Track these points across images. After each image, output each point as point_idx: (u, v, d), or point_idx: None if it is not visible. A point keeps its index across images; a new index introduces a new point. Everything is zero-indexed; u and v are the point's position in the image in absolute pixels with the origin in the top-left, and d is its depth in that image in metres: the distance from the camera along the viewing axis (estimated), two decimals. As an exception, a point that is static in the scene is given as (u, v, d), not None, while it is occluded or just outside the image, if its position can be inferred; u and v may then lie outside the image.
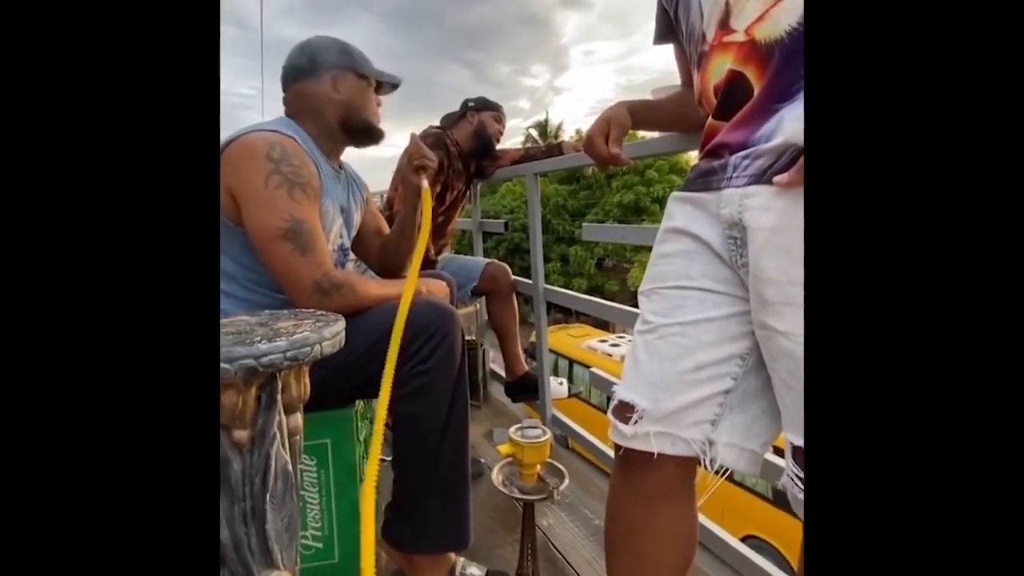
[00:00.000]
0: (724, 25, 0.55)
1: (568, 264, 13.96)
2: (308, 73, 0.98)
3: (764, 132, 0.51)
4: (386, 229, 1.19)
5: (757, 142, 0.52)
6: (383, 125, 1.06)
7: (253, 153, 0.84)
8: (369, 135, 1.04)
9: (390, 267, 1.14)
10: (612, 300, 1.44)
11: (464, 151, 1.77)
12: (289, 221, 0.83)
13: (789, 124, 0.49)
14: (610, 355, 6.17)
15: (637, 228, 1.26)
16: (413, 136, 1.08)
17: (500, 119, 1.83)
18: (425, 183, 1.05)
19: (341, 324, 0.49)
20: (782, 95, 0.50)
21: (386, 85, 1.07)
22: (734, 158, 0.54)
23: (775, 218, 0.49)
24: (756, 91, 0.52)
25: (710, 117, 0.59)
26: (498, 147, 1.90)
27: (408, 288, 0.82)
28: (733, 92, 0.55)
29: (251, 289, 0.91)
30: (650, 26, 0.75)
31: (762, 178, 0.51)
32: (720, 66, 0.56)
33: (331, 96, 0.97)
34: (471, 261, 1.83)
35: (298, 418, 0.47)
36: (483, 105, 1.81)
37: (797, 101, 0.49)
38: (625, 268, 13.63)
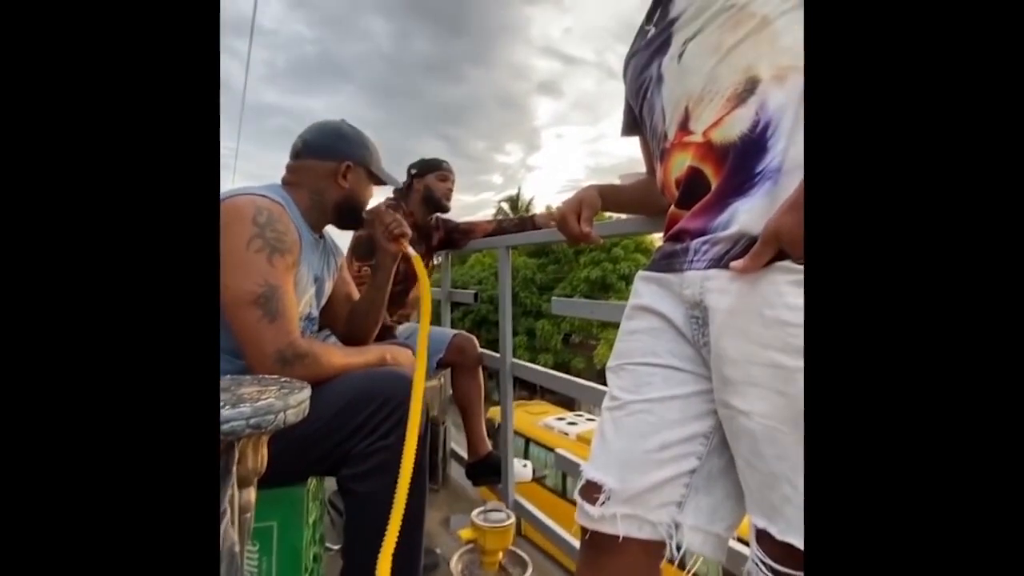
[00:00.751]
0: (684, 127, 0.61)
1: (535, 338, 13.98)
2: (323, 154, 1.01)
3: (720, 221, 0.56)
4: (356, 296, 1.18)
5: (715, 230, 0.56)
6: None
7: (239, 215, 0.85)
8: (355, 223, 1.09)
9: (356, 334, 1.12)
10: (578, 377, 1.43)
11: (418, 220, 1.78)
12: (263, 287, 0.82)
13: (743, 216, 0.53)
14: (566, 434, 6.09)
15: (605, 304, 1.28)
16: (383, 208, 1.11)
17: (446, 177, 1.82)
18: (411, 250, 1.07)
19: (306, 392, 0.48)
20: (736, 191, 0.55)
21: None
22: (695, 243, 0.58)
23: (731, 300, 0.53)
24: (713, 186, 0.57)
25: (672, 206, 0.64)
26: (471, 219, 1.95)
27: (421, 347, 0.84)
28: (692, 185, 0.60)
29: None
30: (617, 115, 0.82)
31: (720, 262, 0.54)
32: (680, 162, 0.62)
33: (338, 182, 1.01)
34: (437, 332, 1.79)
35: (251, 493, 0.43)
36: (425, 168, 1.80)
37: (749, 196, 0.54)
38: (592, 345, 13.73)
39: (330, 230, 1.11)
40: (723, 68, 0.57)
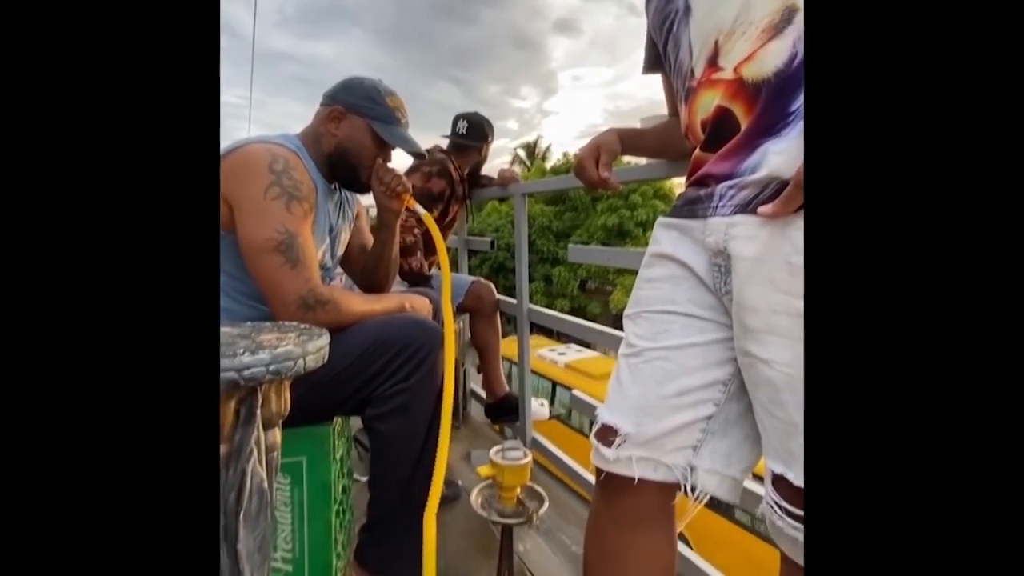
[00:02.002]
0: (713, 63, 0.57)
1: (551, 285, 14.03)
2: (326, 101, 0.99)
3: (749, 164, 0.53)
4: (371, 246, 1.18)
5: (742, 173, 0.53)
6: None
7: (255, 163, 0.84)
8: (351, 183, 1.02)
9: (371, 285, 1.14)
10: (594, 322, 1.44)
11: (463, 175, 1.78)
12: (283, 234, 0.83)
13: (774, 158, 0.50)
14: (556, 362, 6.76)
15: (622, 251, 1.27)
16: (382, 164, 1.02)
17: None
18: (420, 208, 1.05)
19: (325, 339, 0.49)
20: (767, 131, 0.51)
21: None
22: (720, 187, 0.55)
23: (759, 248, 0.51)
24: (743, 126, 0.54)
25: (697, 148, 0.61)
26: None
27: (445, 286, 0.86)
28: (720, 127, 0.56)
29: (235, 299, 0.89)
30: (638, 54, 0.77)
31: (747, 208, 0.52)
32: (708, 102, 0.58)
33: (329, 128, 0.97)
34: (456, 278, 1.80)
35: (276, 434, 0.46)
36: (493, 138, 1.82)
37: (781, 136, 0.51)
38: (607, 291, 13.74)
39: None
40: None
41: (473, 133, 1.78)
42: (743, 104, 0.54)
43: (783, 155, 0.50)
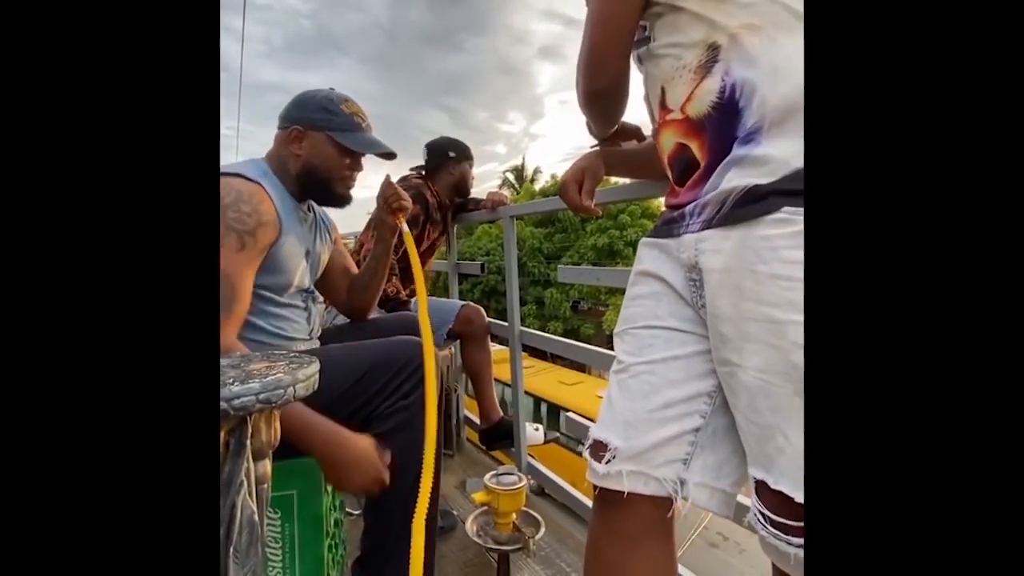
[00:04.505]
0: (664, 105, 0.62)
1: (544, 307, 14.05)
2: (283, 122, 0.98)
3: (710, 186, 0.57)
4: (354, 269, 1.19)
5: (705, 194, 0.57)
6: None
7: None
8: (326, 198, 1.02)
9: (358, 306, 1.14)
10: (587, 343, 1.45)
11: (442, 201, 1.80)
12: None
13: (730, 174, 0.54)
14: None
15: (611, 270, 1.28)
16: (388, 179, 1.06)
17: (472, 165, 1.88)
18: (404, 225, 1.06)
19: (315, 366, 0.49)
20: (721, 159, 0.56)
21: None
22: (688, 207, 0.59)
23: (725, 259, 0.53)
24: (700, 160, 0.58)
25: (672, 182, 0.66)
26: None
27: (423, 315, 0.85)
28: (682, 162, 0.61)
29: None
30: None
31: (712, 223, 0.55)
32: (669, 140, 0.63)
33: (292, 150, 0.96)
34: (446, 303, 1.81)
35: (266, 465, 0.45)
36: (463, 155, 1.84)
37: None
38: (600, 311, 13.79)
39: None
40: (685, 43, 0.58)
41: (434, 154, 1.82)
42: (695, 139, 0.59)
43: (738, 170, 0.53)
